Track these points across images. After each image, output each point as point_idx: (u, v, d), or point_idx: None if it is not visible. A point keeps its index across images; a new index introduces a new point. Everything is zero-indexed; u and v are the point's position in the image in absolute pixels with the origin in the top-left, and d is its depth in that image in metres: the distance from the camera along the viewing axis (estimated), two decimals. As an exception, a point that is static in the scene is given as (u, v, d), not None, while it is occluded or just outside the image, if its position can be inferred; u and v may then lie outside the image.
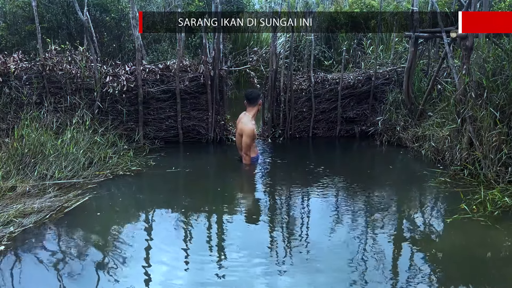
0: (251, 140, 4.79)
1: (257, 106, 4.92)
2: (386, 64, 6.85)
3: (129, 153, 5.08)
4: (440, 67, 5.53)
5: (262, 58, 6.75)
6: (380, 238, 3.33)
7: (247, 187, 4.73)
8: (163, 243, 3.31)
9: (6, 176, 4.05)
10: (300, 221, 3.69)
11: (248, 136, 4.74)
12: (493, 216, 3.53)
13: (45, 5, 7.62)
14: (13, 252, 3.06)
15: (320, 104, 6.35)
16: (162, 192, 4.37)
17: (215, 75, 5.77)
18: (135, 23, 5.64)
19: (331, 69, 8.08)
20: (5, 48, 7.25)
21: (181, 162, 5.29)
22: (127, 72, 5.60)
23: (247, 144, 4.78)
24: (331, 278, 2.81)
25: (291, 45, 6.35)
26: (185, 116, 5.89)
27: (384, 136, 5.93)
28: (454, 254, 3.13)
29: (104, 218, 3.74)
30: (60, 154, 4.46)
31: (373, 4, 9.30)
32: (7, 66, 5.23)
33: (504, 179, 4.03)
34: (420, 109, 5.68)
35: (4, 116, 5.15)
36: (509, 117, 4.13)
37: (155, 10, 8.83)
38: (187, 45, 8.44)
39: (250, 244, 3.26)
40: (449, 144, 4.74)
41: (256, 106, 4.91)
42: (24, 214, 3.52)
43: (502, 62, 4.24)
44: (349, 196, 4.21)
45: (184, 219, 3.75)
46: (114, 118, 5.57)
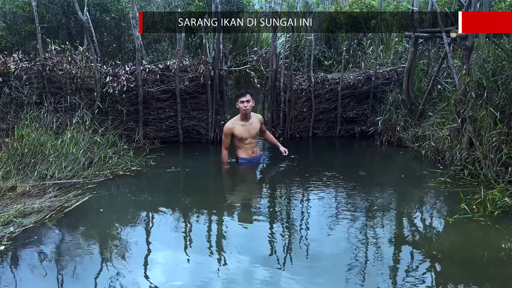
0: (223, 136, 4.93)
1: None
2: (386, 64, 6.85)
3: (129, 153, 5.08)
4: (440, 67, 5.52)
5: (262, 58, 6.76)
6: (380, 238, 3.33)
7: (247, 187, 4.72)
8: (163, 243, 3.30)
9: (6, 176, 4.05)
10: (300, 221, 3.69)
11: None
12: (493, 216, 3.52)
13: (45, 5, 7.62)
14: (13, 252, 3.06)
15: (320, 104, 6.35)
16: (162, 192, 4.37)
17: (215, 75, 5.77)
18: (135, 23, 5.64)
19: (331, 69, 8.07)
20: (5, 48, 7.24)
21: (181, 162, 5.29)
22: (127, 72, 5.60)
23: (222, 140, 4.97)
24: (331, 278, 2.81)
25: (291, 45, 6.35)
26: (185, 116, 5.89)
27: (384, 136, 5.93)
28: (454, 254, 3.13)
29: (104, 218, 3.74)
30: (60, 154, 4.46)
31: (373, 4, 9.29)
32: (7, 66, 5.23)
33: (504, 179, 4.02)
34: (420, 109, 5.68)
35: (4, 116, 5.16)
36: (509, 117, 4.13)
37: (155, 10, 8.83)
38: (187, 45, 8.44)
39: (250, 244, 3.26)
40: (449, 144, 4.73)
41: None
42: (24, 214, 3.51)
43: (502, 62, 4.23)
44: (349, 196, 4.21)
45: (184, 219, 3.75)
46: (114, 118, 5.58)
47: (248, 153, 4.94)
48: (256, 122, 4.94)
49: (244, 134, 4.86)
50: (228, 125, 4.89)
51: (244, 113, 4.81)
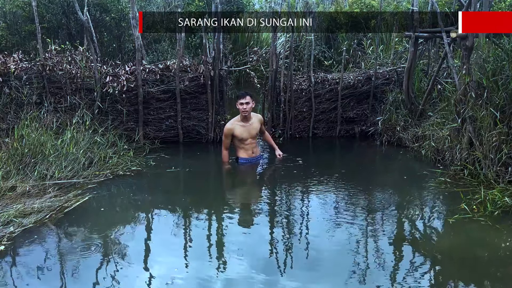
0: (223, 136, 4.93)
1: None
2: (386, 64, 6.85)
3: (129, 153, 5.08)
4: (440, 67, 5.52)
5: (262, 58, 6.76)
6: (380, 238, 3.33)
7: (247, 188, 4.73)
8: (163, 243, 3.31)
9: (6, 176, 4.05)
10: (300, 221, 3.69)
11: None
12: (493, 216, 3.52)
13: (45, 5, 7.61)
14: (13, 252, 3.06)
15: (320, 104, 6.35)
16: (162, 192, 4.37)
17: (215, 75, 5.77)
18: (135, 23, 5.64)
19: (331, 69, 8.07)
20: (5, 48, 7.24)
21: (181, 162, 5.29)
22: (127, 72, 5.60)
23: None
24: (332, 278, 2.81)
25: (291, 45, 6.35)
26: (185, 116, 5.89)
27: (384, 136, 5.93)
28: (454, 254, 3.13)
29: (104, 218, 3.74)
30: (60, 154, 4.46)
31: (373, 4, 9.29)
32: (7, 66, 5.23)
33: (504, 179, 4.02)
34: (420, 109, 5.68)
35: (4, 116, 5.15)
36: (509, 117, 4.13)
37: (155, 10, 8.82)
38: (187, 45, 8.43)
39: (250, 244, 3.26)
40: (449, 144, 4.73)
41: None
42: (24, 214, 3.52)
43: (502, 62, 4.24)
44: (349, 196, 4.20)
45: (184, 219, 3.75)
46: (114, 118, 5.58)
47: (248, 153, 4.95)
48: (256, 122, 4.94)
49: (244, 134, 4.86)
50: (228, 126, 4.89)
51: (243, 115, 4.81)
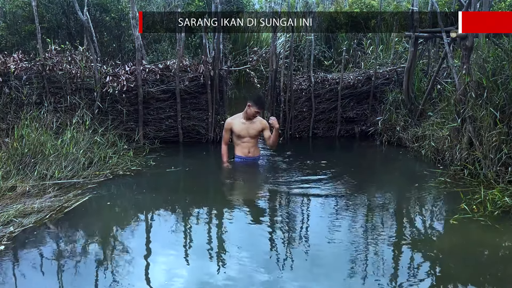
0: (223, 130, 4.97)
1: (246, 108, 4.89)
2: (386, 64, 6.85)
3: (129, 153, 5.08)
4: (440, 67, 5.53)
5: (262, 58, 6.75)
6: (380, 238, 3.33)
7: (247, 188, 4.72)
8: (163, 243, 3.30)
9: (6, 176, 4.05)
10: (300, 221, 3.69)
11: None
12: (493, 216, 3.52)
13: (45, 5, 7.61)
14: (13, 252, 3.06)
15: (320, 104, 6.35)
16: (162, 191, 4.37)
17: (215, 75, 5.78)
18: (135, 23, 5.64)
19: (331, 69, 8.08)
20: (5, 48, 7.24)
21: (181, 162, 5.29)
22: (127, 72, 5.60)
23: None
24: (332, 278, 2.81)
25: (291, 45, 6.35)
26: (185, 116, 5.89)
27: (384, 136, 5.93)
28: (454, 254, 3.13)
29: (104, 218, 3.74)
30: (60, 154, 4.45)
31: (373, 4, 9.30)
32: (7, 66, 5.23)
33: (504, 179, 4.02)
34: (420, 109, 5.68)
35: (4, 116, 5.15)
36: (509, 117, 4.13)
37: (155, 10, 8.82)
38: (187, 45, 8.44)
39: (251, 244, 3.26)
40: (449, 144, 4.73)
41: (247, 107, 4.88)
42: (24, 214, 3.51)
43: (502, 62, 4.24)
44: (349, 196, 4.20)
45: (184, 219, 3.74)
46: (114, 118, 5.57)
47: (243, 151, 4.91)
48: (257, 124, 4.88)
49: (242, 131, 4.85)
50: (229, 120, 4.94)
51: (249, 117, 4.82)
